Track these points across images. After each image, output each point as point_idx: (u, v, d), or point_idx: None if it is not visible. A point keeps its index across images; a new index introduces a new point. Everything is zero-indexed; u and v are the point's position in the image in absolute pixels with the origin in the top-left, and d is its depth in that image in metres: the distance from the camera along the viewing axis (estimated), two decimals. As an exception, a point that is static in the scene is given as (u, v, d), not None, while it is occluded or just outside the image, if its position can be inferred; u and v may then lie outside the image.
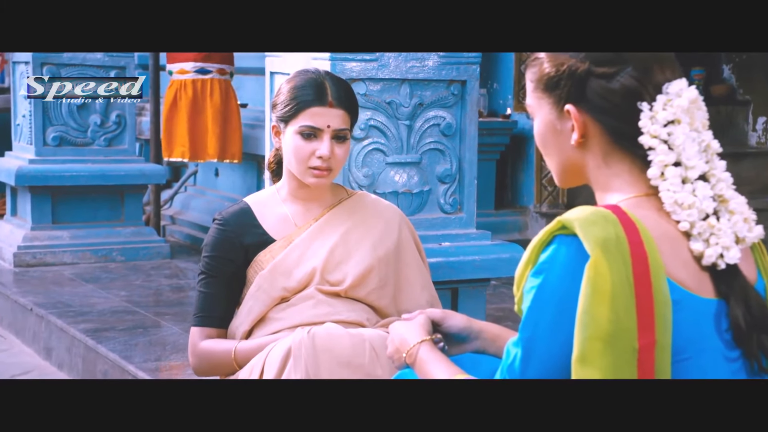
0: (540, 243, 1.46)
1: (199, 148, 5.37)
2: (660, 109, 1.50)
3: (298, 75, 2.50)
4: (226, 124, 5.36)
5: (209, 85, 5.34)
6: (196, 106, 5.33)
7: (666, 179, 1.49)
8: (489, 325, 2.01)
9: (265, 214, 2.54)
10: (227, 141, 5.39)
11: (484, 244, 3.20)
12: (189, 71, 5.33)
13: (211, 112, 5.32)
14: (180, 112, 5.34)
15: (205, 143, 5.36)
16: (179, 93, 5.35)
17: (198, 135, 5.35)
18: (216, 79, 5.35)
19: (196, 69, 5.32)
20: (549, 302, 1.43)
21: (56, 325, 4.04)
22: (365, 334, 2.29)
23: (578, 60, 1.53)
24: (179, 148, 5.38)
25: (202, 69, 5.32)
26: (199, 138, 5.36)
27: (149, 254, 5.39)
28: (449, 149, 3.15)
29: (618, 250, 1.39)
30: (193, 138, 5.34)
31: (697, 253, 1.47)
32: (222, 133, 5.36)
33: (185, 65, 5.33)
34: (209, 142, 5.34)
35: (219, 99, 5.34)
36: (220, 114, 5.34)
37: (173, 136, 5.38)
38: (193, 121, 5.32)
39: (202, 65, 5.31)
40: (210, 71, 5.33)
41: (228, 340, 2.49)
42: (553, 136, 1.58)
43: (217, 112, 5.33)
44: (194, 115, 5.33)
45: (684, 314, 1.43)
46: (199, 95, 5.33)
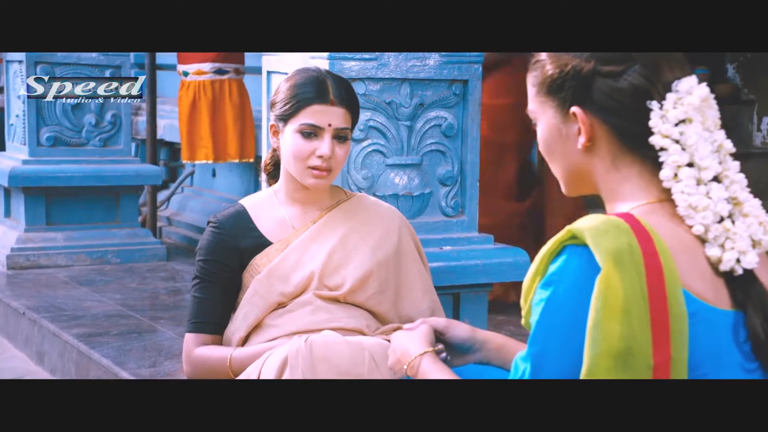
0: (549, 253, 1.42)
1: (221, 148, 5.41)
2: (671, 108, 1.47)
3: (298, 73, 2.48)
4: (244, 123, 5.40)
5: (227, 85, 5.35)
6: (216, 107, 5.36)
7: (680, 181, 1.46)
8: (494, 335, 1.99)
9: (261, 217, 2.52)
10: (245, 140, 5.43)
11: (487, 248, 3.19)
12: (207, 72, 5.33)
13: (231, 112, 5.35)
14: (201, 114, 5.36)
15: (225, 144, 5.40)
16: (198, 94, 5.37)
17: (219, 136, 5.38)
18: (233, 79, 5.38)
19: (214, 69, 5.33)
20: (559, 316, 1.39)
21: (48, 329, 4.01)
22: (364, 343, 2.27)
23: (583, 60, 1.49)
24: (202, 150, 5.41)
25: (220, 69, 5.34)
26: (221, 139, 5.39)
27: (145, 256, 5.37)
28: (451, 150, 3.14)
29: (631, 261, 1.36)
30: (215, 139, 5.37)
31: (713, 259, 1.44)
32: (241, 133, 5.39)
33: (202, 66, 5.33)
34: (230, 143, 5.38)
35: (237, 99, 5.37)
36: (239, 114, 5.38)
37: (195, 138, 5.40)
38: (213, 122, 5.35)
39: (220, 65, 5.33)
40: (227, 71, 5.35)
41: (223, 347, 2.47)
42: (558, 141, 1.54)
43: (237, 111, 5.36)
44: (215, 115, 5.35)
45: (701, 327, 1.39)
46: (218, 96, 5.35)
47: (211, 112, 5.34)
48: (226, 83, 5.35)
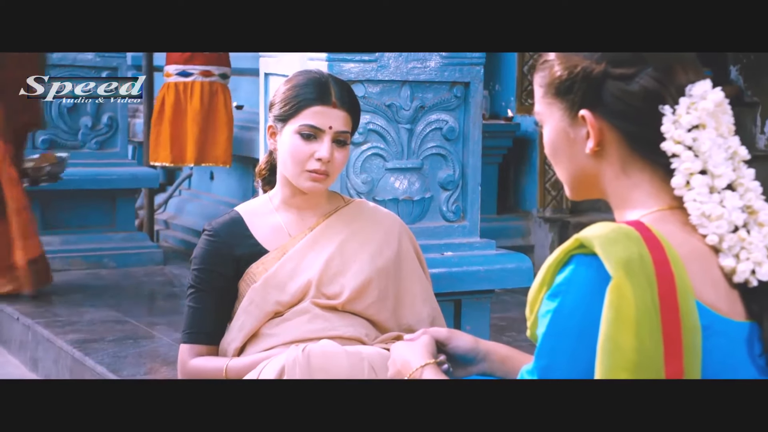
0: (556, 263, 1.38)
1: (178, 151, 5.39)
2: (684, 113, 1.43)
3: (299, 74, 2.46)
4: (208, 127, 5.36)
5: (190, 87, 5.34)
6: (178, 110, 5.35)
7: (692, 189, 1.42)
8: (497, 346, 1.96)
9: (257, 224, 2.48)
10: (209, 145, 5.39)
11: (489, 254, 3.16)
12: (172, 74, 5.36)
13: (191, 115, 5.33)
14: (164, 116, 5.37)
15: (184, 147, 5.38)
16: (165, 96, 5.40)
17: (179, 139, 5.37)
18: (198, 81, 5.34)
19: (177, 72, 5.34)
20: (567, 328, 1.35)
21: (43, 335, 3.99)
22: (363, 353, 2.24)
23: (593, 61, 1.45)
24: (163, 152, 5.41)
25: (184, 72, 5.34)
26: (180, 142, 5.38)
27: (142, 260, 5.40)
28: (452, 154, 3.10)
29: (642, 271, 1.32)
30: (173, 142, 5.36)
31: (727, 269, 1.40)
32: (203, 138, 5.36)
33: (169, 68, 5.38)
34: (188, 147, 5.37)
35: (198, 102, 5.35)
36: (199, 117, 5.34)
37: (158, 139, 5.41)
38: (174, 125, 5.34)
39: (184, 68, 5.33)
40: (191, 74, 5.34)
41: (219, 357, 2.44)
42: (565, 144, 1.51)
43: (197, 115, 5.34)
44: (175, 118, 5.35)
45: (714, 340, 1.35)
46: (181, 98, 5.35)
47: (172, 114, 5.32)
48: (189, 86, 5.32)
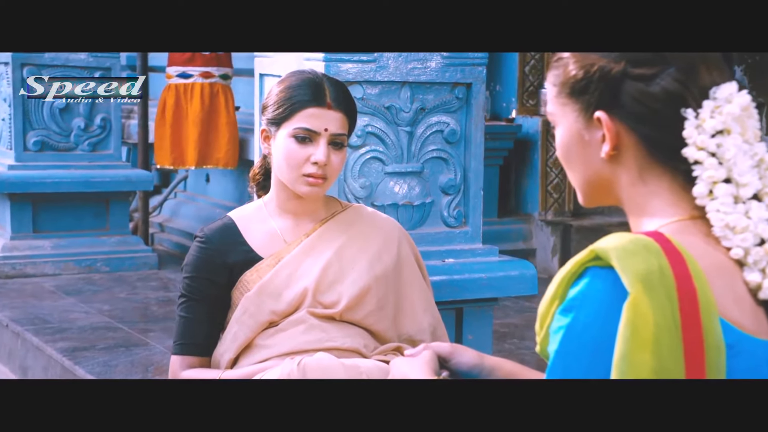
0: (569, 275, 1.30)
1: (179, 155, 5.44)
2: (707, 117, 1.35)
3: (292, 75, 2.41)
4: (209, 129, 5.38)
5: (190, 89, 5.36)
6: (179, 112, 5.38)
7: (715, 198, 1.35)
8: (503, 362, 1.90)
9: (251, 230, 2.44)
10: (211, 147, 5.42)
11: (491, 261, 3.12)
12: (173, 76, 5.39)
13: (191, 117, 5.36)
14: (166, 118, 5.41)
15: (185, 150, 5.42)
16: (166, 98, 5.43)
17: (180, 141, 5.40)
18: (198, 83, 5.36)
19: (178, 73, 5.37)
20: (580, 345, 1.28)
21: (32, 342, 3.95)
22: (361, 366, 2.20)
23: (611, 60, 1.38)
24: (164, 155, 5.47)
25: (184, 73, 5.37)
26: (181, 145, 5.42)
27: (135, 264, 5.40)
28: (453, 158, 3.06)
29: (662, 286, 1.24)
30: (175, 145, 5.41)
31: (753, 285, 1.32)
32: (204, 140, 5.38)
33: (170, 70, 5.41)
34: (188, 149, 5.40)
35: (198, 104, 5.36)
36: (200, 119, 5.36)
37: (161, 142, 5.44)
38: (175, 128, 5.38)
39: (184, 69, 5.36)
40: (191, 75, 5.37)
41: (211, 369, 2.39)
42: (579, 147, 1.43)
43: (197, 117, 5.36)
44: (176, 121, 5.39)
45: (740, 360, 1.28)
46: (181, 100, 5.37)
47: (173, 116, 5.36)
48: (189, 87, 5.34)
